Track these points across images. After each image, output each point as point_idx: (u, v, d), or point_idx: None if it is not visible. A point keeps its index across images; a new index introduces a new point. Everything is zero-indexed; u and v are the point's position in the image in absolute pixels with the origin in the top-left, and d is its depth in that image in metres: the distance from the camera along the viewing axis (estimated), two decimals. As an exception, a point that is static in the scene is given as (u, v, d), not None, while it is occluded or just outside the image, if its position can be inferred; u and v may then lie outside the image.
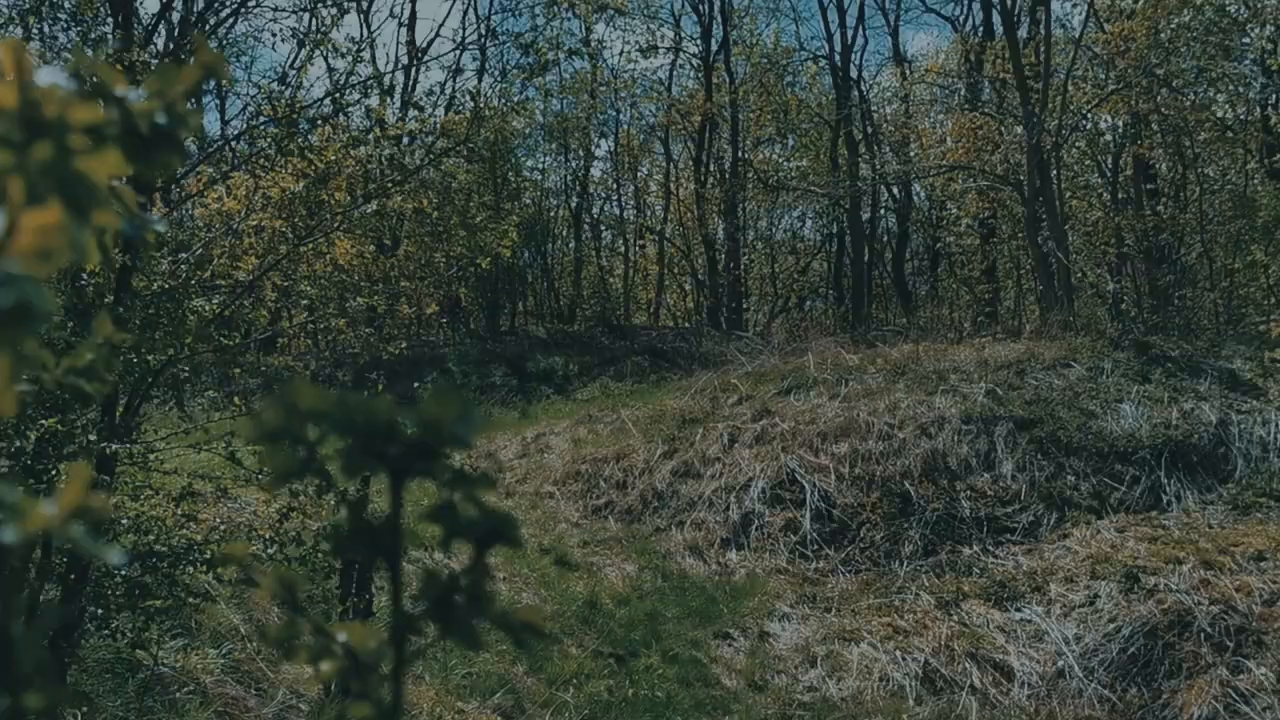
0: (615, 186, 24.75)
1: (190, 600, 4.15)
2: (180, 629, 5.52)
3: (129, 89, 0.50)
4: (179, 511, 3.96)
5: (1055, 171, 14.69)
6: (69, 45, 5.65)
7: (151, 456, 4.13)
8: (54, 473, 3.26)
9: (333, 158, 5.10)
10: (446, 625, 0.41)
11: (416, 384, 7.14)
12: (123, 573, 3.60)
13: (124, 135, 0.48)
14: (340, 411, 0.41)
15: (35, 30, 6.51)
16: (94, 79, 0.48)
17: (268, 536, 4.29)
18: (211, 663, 5.36)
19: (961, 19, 23.18)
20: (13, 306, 0.41)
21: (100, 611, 3.53)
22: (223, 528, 4.70)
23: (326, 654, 0.43)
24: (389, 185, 5.54)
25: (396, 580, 0.42)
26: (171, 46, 6.62)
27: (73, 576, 3.67)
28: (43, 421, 3.27)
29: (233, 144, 6.46)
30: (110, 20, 5.46)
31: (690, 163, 23.76)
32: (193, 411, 6.47)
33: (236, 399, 4.86)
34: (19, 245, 0.43)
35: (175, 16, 6.54)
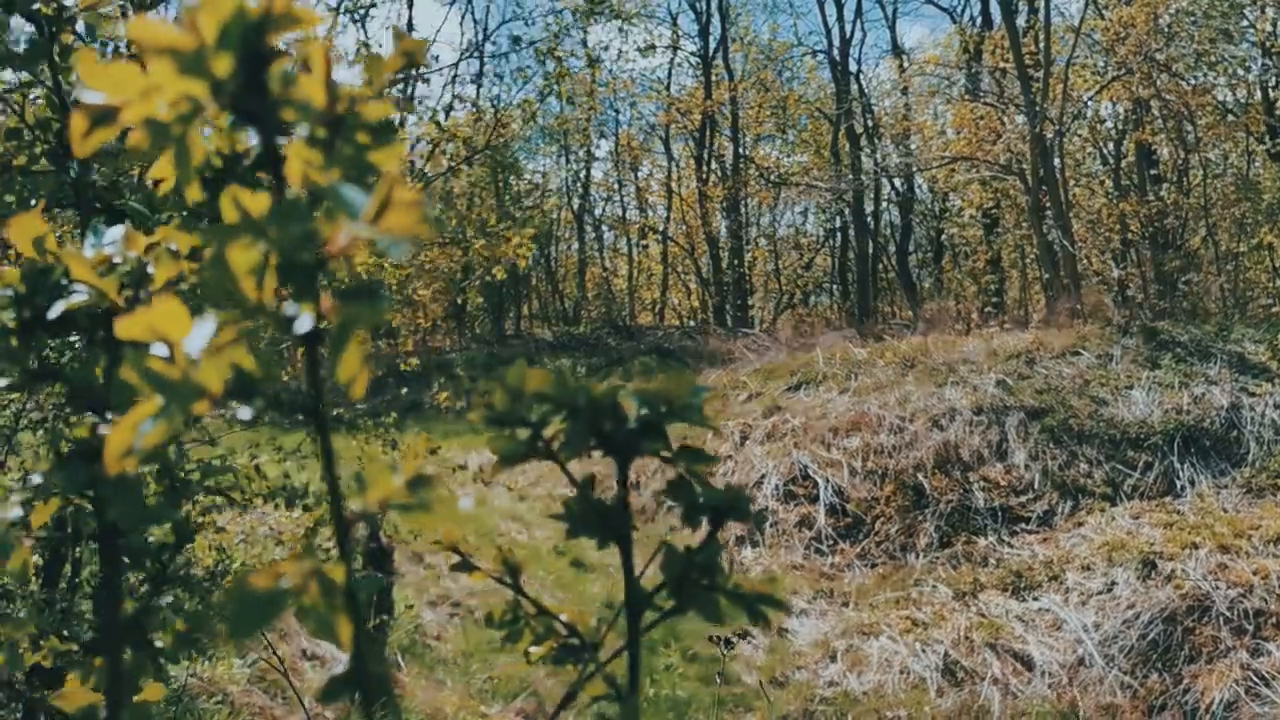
0: (617, 187, 24.78)
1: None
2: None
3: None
4: (212, 532, 3.97)
5: (1058, 159, 14.68)
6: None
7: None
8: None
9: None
10: (684, 599, 0.42)
11: (429, 390, 7.17)
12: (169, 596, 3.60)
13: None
14: (563, 393, 0.42)
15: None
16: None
17: (292, 547, 4.31)
18: (238, 673, 5.39)
19: (959, 9, 23.18)
20: (363, 284, 0.42)
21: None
22: (246, 541, 4.72)
23: (550, 634, 0.44)
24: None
25: (628, 557, 0.44)
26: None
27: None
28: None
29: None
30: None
31: (691, 161, 23.75)
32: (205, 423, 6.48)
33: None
34: (388, 222, 0.44)
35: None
